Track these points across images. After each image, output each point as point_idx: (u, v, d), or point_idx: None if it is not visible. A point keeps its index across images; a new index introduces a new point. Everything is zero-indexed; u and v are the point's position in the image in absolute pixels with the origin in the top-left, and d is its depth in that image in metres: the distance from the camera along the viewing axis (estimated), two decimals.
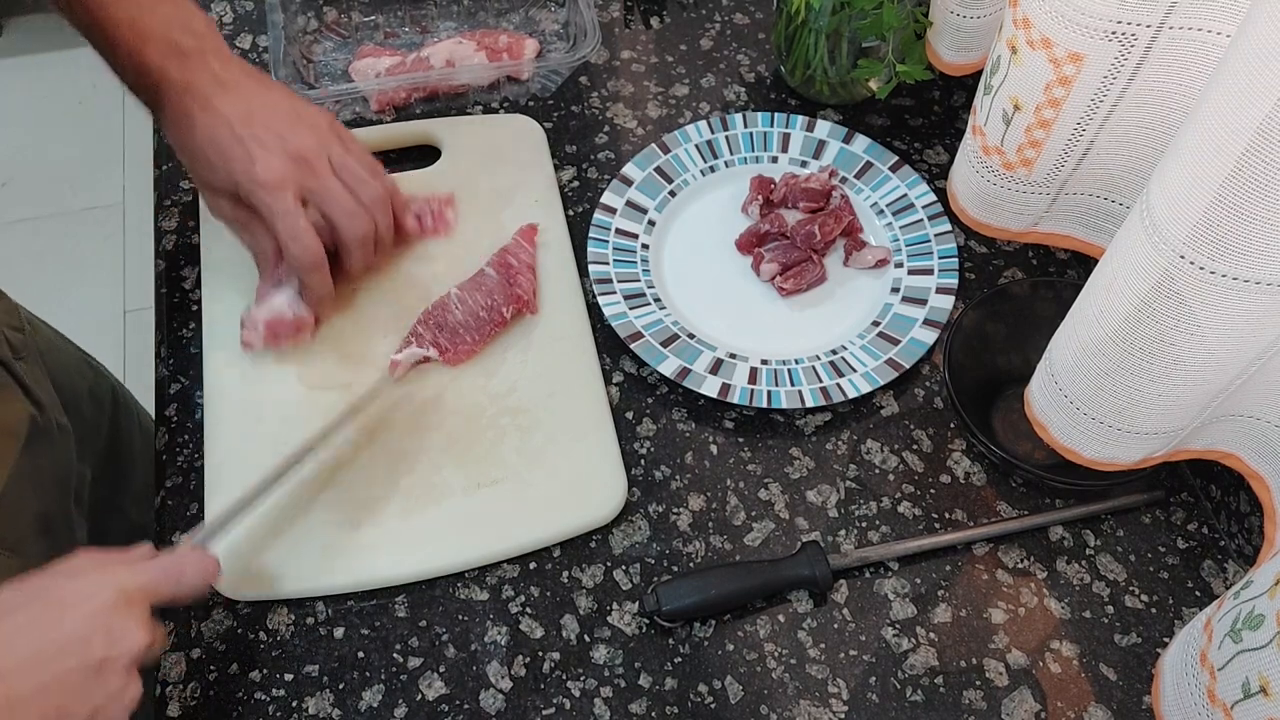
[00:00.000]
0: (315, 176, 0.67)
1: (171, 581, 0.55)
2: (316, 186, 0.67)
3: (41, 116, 2.08)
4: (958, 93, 0.89)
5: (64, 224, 1.99)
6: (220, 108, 0.65)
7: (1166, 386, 0.54)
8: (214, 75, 0.65)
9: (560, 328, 0.75)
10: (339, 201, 0.68)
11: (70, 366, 0.85)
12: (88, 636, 0.50)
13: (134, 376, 0.96)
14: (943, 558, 0.68)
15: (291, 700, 0.62)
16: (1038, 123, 0.62)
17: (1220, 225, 0.45)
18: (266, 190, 0.65)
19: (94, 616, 0.50)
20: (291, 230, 0.66)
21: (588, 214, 0.81)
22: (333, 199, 0.67)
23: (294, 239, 0.66)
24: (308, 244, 0.67)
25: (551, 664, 0.64)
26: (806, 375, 0.72)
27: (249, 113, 0.66)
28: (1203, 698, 0.54)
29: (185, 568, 0.56)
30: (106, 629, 0.50)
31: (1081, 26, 0.55)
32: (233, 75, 0.67)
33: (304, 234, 0.67)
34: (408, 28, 0.91)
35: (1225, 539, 0.68)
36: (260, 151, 0.65)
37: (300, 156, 0.66)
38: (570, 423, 0.70)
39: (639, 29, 0.94)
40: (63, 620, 0.50)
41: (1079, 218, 0.70)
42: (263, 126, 0.66)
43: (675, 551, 0.68)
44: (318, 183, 0.67)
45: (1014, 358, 0.73)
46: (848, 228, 0.79)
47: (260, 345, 0.72)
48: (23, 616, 0.50)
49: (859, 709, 0.62)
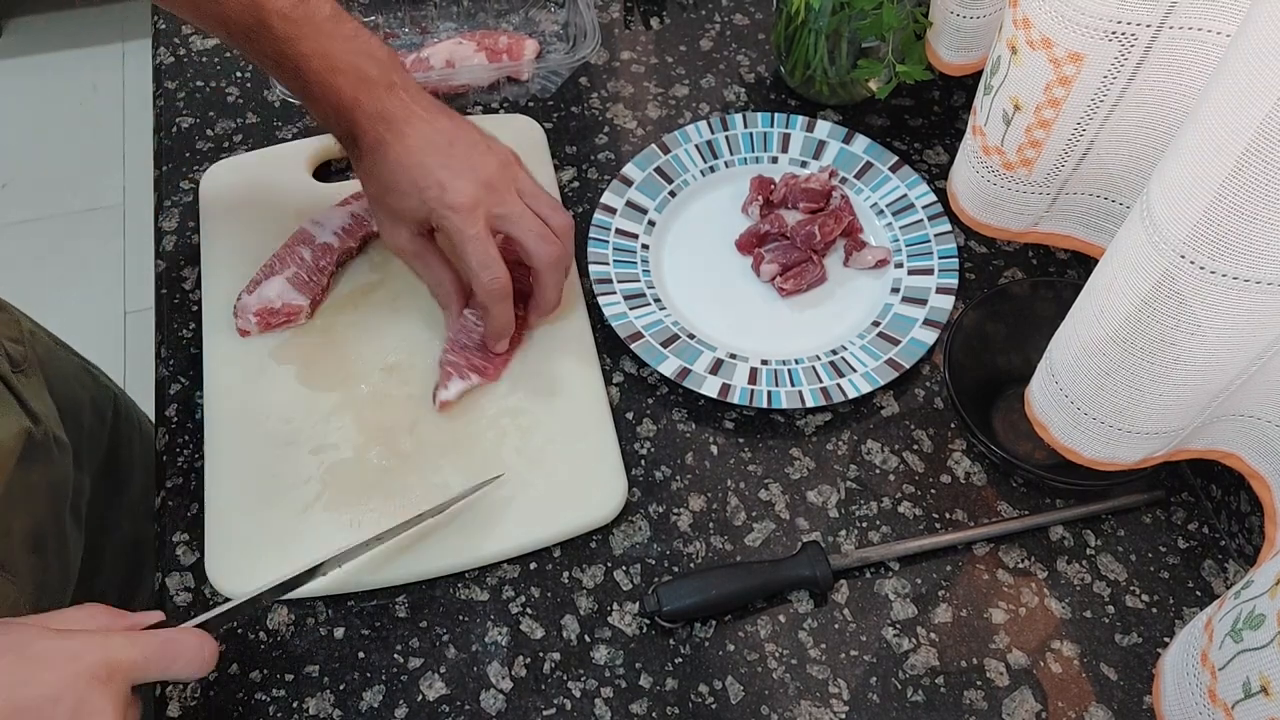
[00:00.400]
0: (505, 203, 0.67)
1: (165, 662, 0.51)
2: (507, 211, 0.67)
3: (41, 117, 2.08)
4: (958, 93, 0.89)
5: (64, 225, 1.99)
6: (413, 135, 0.65)
7: (1167, 386, 0.54)
8: (405, 104, 0.66)
9: (560, 328, 0.75)
10: (531, 226, 0.67)
11: (71, 377, 0.85)
12: (56, 701, 0.46)
13: (134, 377, 0.96)
14: (943, 558, 0.68)
15: (291, 700, 0.62)
16: (1038, 123, 0.62)
17: (1220, 225, 0.45)
18: (459, 214, 0.65)
19: (69, 683, 0.47)
20: (483, 256, 0.66)
21: (588, 214, 0.81)
22: (525, 223, 0.67)
23: (485, 266, 0.66)
24: (498, 272, 0.67)
25: (552, 664, 0.64)
26: (806, 375, 0.72)
27: (440, 141, 0.66)
28: (1204, 698, 0.54)
29: (182, 651, 0.52)
30: (78, 700, 0.47)
31: (1081, 26, 0.55)
32: (422, 105, 0.67)
33: (495, 261, 0.66)
34: (408, 28, 0.91)
35: (1226, 539, 0.68)
36: (451, 178, 0.65)
37: (490, 183, 0.66)
38: (570, 423, 0.70)
39: (639, 30, 0.94)
40: (37, 678, 0.47)
41: (1079, 218, 0.70)
42: (453, 155, 0.66)
43: (675, 552, 0.68)
44: (508, 208, 0.67)
45: (1014, 358, 0.73)
46: (848, 228, 0.79)
47: (256, 331, 0.73)
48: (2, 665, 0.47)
49: (860, 709, 0.62)
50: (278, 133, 0.86)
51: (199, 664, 0.52)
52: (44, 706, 0.46)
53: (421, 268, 0.71)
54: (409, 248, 0.70)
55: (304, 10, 0.65)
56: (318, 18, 0.65)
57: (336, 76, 0.65)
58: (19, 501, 0.68)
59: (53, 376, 0.80)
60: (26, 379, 0.74)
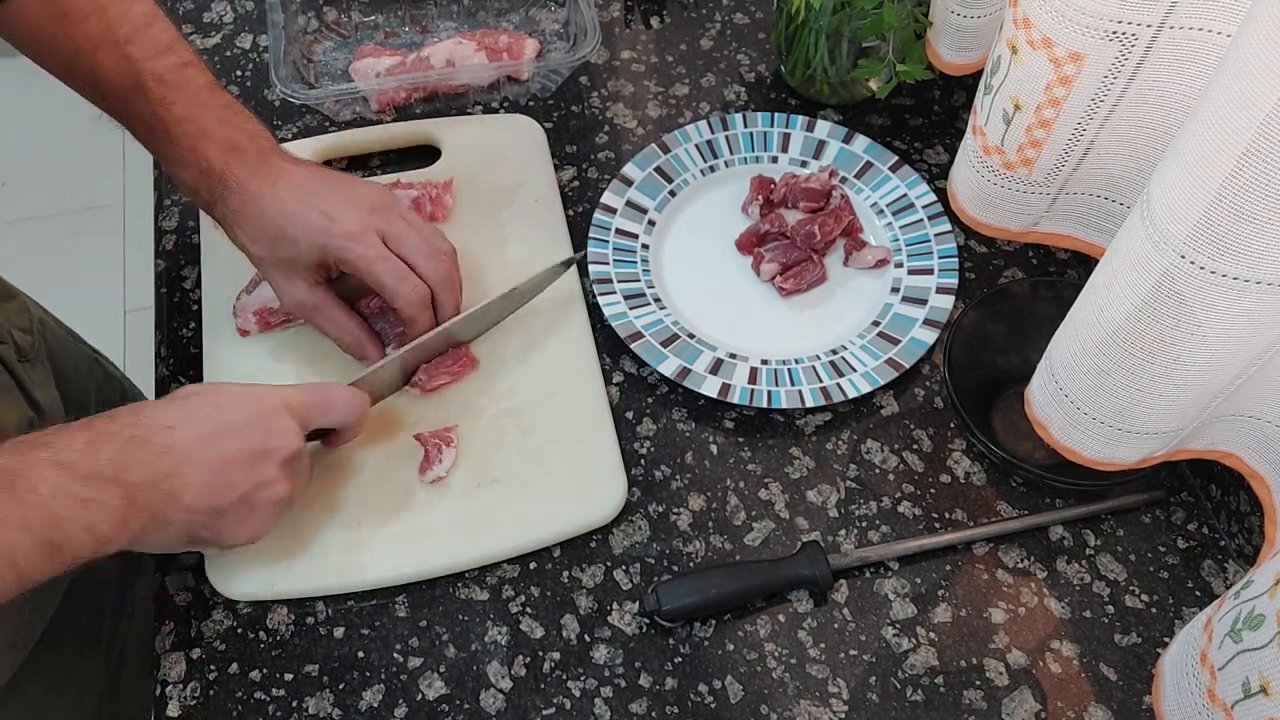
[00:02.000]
0: (392, 223, 0.67)
1: (324, 407, 0.63)
2: (395, 231, 0.67)
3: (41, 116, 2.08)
4: (958, 93, 0.89)
5: (64, 224, 1.98)
6: (284, 183, 0.66)
7: (1167, 386, 0.54)
8: (274, 165, 0.67)
9: (560, 328, 0.75)
10: (418, 245, 0.68)
11: (80, 367, 0.85)
12: (252, 427, 0.58)
13: (134, 376, 0.96)
14: (943, 558, 0.68)
15: (291, 700, 0.62)
16: (1038, 122, 0.62)
17: (1221, 225, 0.45)
18: (357, 240, 0.66)
19: (259, 414, 0.59)
20: (396, 270, 0.66)
21: (588, 214, 0.81)
22: (412, 243, 0.68)
23: (402, 279, 0.67)
24: (415, 281, 0.67)
25: (552, 664, 0.64)
26: (806, 375, 0.72)
27: (311, 182, 0.67)
28: (1203, 698, 0.54)
29: (337, 399, 0.64)
30: (268, 426, 0.59)
31: (1082, 26, 0.55)
32: (291, 162, 0.68)
33: (408, 272, 0.67)
34: (408, 28, 0.91)
35: (1225, 539, 0.68)
36: (336, 209, 0.66)
37: (373, 208, 0.67)
38: (570, 423, 0.70)
39: (639, 29, 0.94)
40: (234, 409, 0.58)
41: (1079, 217, 0.70)
42: (330, 191, 0.67)
43: (675, 551, 0.68)
44: (395, 228, 0.67)
45: (1014, 358, 0.73)
46: (848, 228, 0.79)
47: (256, 331, 0.73)
48: (200, 401, 0.58)
49: (859, 709, 0.62)
50: (278, 132, 0.86)
51: (352, 411, 0.65)
52: (244, 428, 0.58)
53: (326, 321, 0.70)
54: (309, 300, 0.68)
55: (181, 76, 0.65)
56: (194, 85, 0.66)
57: (207, 142, 0.65)
58: None
59: (61, 367, 0.80)
60: (33, 368, 0.74)
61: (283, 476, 0.59)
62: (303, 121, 0.86)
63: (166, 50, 0.65)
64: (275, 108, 0.87)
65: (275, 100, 0.87)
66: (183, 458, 0.55)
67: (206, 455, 0.56)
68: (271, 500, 0.59)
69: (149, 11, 0.66)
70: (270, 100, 0.88)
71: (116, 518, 0.52)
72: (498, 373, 0.72)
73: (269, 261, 0.67)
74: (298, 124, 0.86)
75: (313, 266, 0.67)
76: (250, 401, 0.59)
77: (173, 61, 0.65)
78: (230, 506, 0.57)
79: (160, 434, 0.55)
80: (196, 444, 0.56)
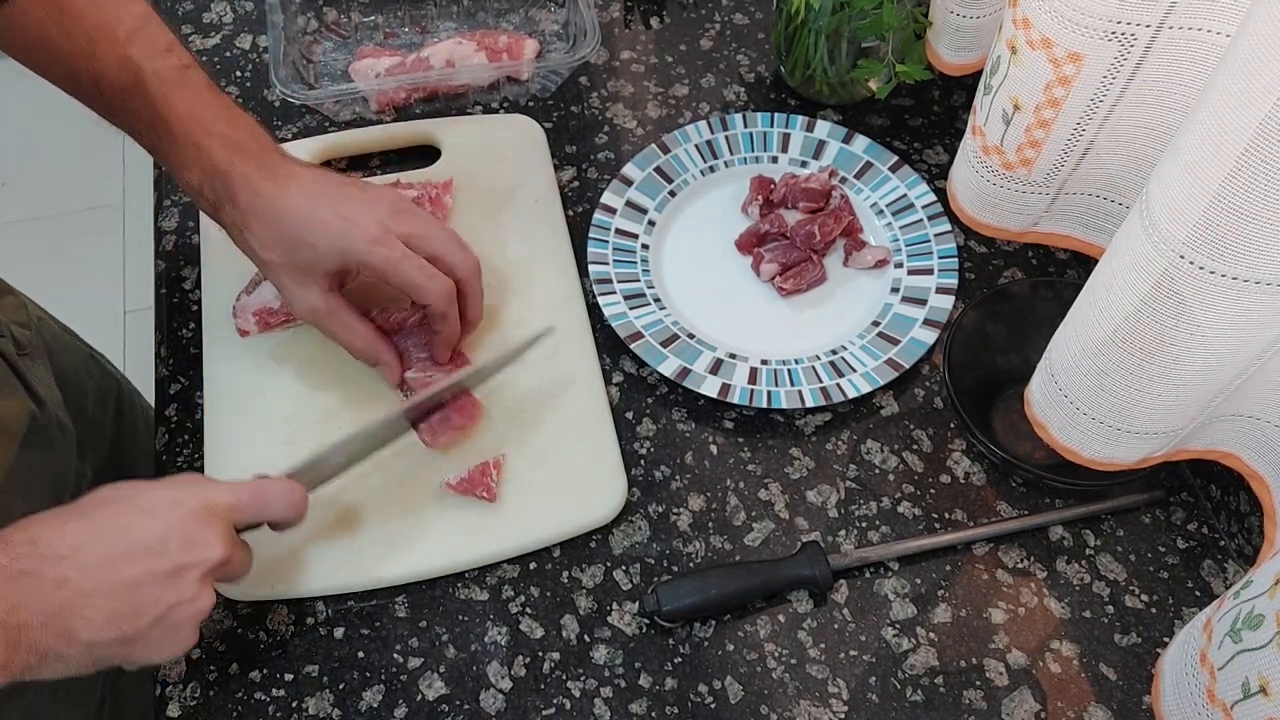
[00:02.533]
0: (411, 224, 0.66)
1: (258, 504, 0.58)
2: (417, 230, 0.66)
3: (41, 116, 2.08)
4: (957, 93, 0.89)
5: (64, 224, 1.99)
6: (297, 185, 0.64)
7: (1166, 386, 0.54)
8: (283, 163, 0.65)
9: (560, 328, 0.75)
10: (444, 241, 0.67)
11: (77, 364, 0.85)
12: (166, 540, 0.52)
13: (134, 376, 0.96)
14: (943, 558, 0.68)
15: (291, 700, 0.62)
16: (1037, 123, 0.62)
17: (1220, 225, 0.45)
18: (379, 244, 0.64)
19: (176, 523, 0.53)
20: (422, 268, 0.65)
21: (588, 214, 0.81)
22: (438, 236, 0.67)
23: (429, 276, 0.65)
24: (442, 277, 0.66)
25: (551, 664, 0.64)
26: (806, 375, 0.72)
27: (326, 185, 0.65)
28: (1203, 698, 0.54)
29: (273, 495, 0.58)
30: (186, 536, 0.53)
31: (1081, 26, 0.55)
32: (299, 163, 0.66)
33: (434, 270, 0.65)
34: (407, 28, 0.91)
35: (1225, 539, 0.68)
36: (355, 213, 0.64)
37: (391, 209, 0.66)
38: (570, 423, 0.70)
39: (639, 29, 0.94)
40: (145, 523, 0.53)
41: (1079, 217, 0.70)
42: (345, 194, 0.65)
43: (675, 551, 0.68)
44: (416, 227, 0.66)
45: (1014, 358, 0.73)
46: (847, 228, 0.79)
47: (256, 331, 0.73)
48: (108, 514, 0.53)
49: (859, 709, 0.62)
50: (278, 132, 0.86)
51: (290, 506, 0.59)
52: (155, 545, 0.52)
53: (339, 327, 0.68)
54: (322, 307, 0.66)
55: (181, 76, 0.64)
56: (195, 84, 0.65)
57: (211, 140, 0.64)
58: (20, 488, 0.68)
59: (59, 364, 0.80)
60: (32, 362, 0.74)
61: (204, 589, 0.54)
62: (302, 122, 0.87)
63: (165, 51, 0.65)
64: (275, 108, 0.87)
65: (275, 100, 0.87)
66: (79, 590, 0.50)
67: (109, 581, 0.51)
68: (192, 616, 0.54)
69: (145, 13, 0.65)
70: (270, 100, 0.88)
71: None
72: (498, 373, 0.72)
73: (282, 266, 0.65)
74: (297, 124, 0.86)
75: (329, 272, 0.65)
76: (165, 512, 0.54)
77: (172, 62, 0.64)
78: (142, 631, 0.52)
79: (54, 565, 0.50)
80: (97, 570, 0.51)
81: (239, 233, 0.65)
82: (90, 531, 0.52)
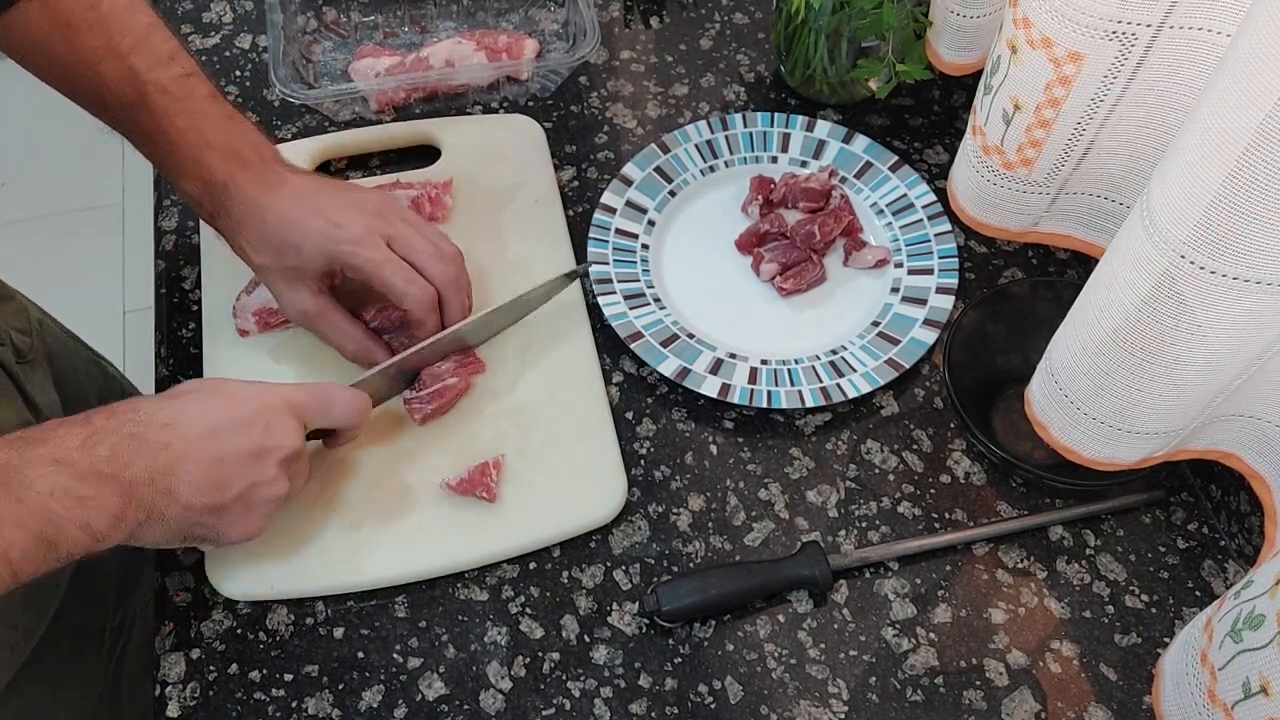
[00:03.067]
0: (395, 227, 0.67)
1: (324, 405, 0.63)
2: (398, 234, 0.67)
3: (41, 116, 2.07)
4: (957, 93, 0.89)
5: (63, 224, 1.98)
6: (287, 192, 0.66)
7: (1166, 386, 0.54)
8: (278, 173, 0.67)
9: (560, 328, 0.75)
10: (424, 247, 0.68)
11: (79, 369, 0.85)
12: (251, 425, 0.58)
13: (134, 376, 0.96)
14: (943, 558, 0.68)
15: (291, 700, 0.62)
16: (1038, 122, 0.62)
17: (1220, 225, 0.45)
18: (363, 245, 0.65)
19: (259, 411, 0.59)
20: (404, 273, 0.66)
21: (588, 214, 0.81)
22: (418, 246, 0.68)
23: (410, 281, 0.66)
24: (423, 283, 0.67)
25: (551, 664, 0.64)
26: (806, 375, 0.72)
27: (314, 189, 0.67)
28: (1203, 698, 0.54)
29: (337, 399, 0.64)
30: (268, 423, 0.59)
31: (1082, 26, 0.55)
32: (293, 171, 0.68)
33: (415, 274, 0.67)
34: (407, 28, 0.91)
35: (1225, 539, 0.68)
36: (341, 216, 0.66)
37: (377, 212, 0.67)
38: (570, 423, 0.70)
39: (639, 29, 0.94)
40: (234, 406, 0.58)
41: (1079, 217, 0.70)
42: (333, 197, 0.67)
43: (675, 551, 0.68)
44: (399, 231, 0.67)
45: (1014, 358, 0.73)
46: (847, 228, 0.79)
47: (256, 332, 0.73)
48: (200, 397, 0.58)
49: (859, 709, 0.62)
50: (277, 132, 0.86)
51: (352, 411, 0.64)
52: (242, 426, 0.58)
53: (329, 328, 0.69)
54: (312, 308, 0.68)
55: (183, 87, 0.65)
56: (197, 95, 0.66)
57: (210, 153, 0.65)
58: None
59: (60, 369, 0.80)
60: (31, 370, 0.74)
61: (281, 475, 0.59)
62: (302, 122, 0.86)
63: (168, 60, 0.65)
64: (274, 108, 0.87)
65: (274, 100, 0.87)
66: (181, 454, 0.55)
67: (205, 452, 0.56)
68: (270, 499, 0.59)
69: (150, 23, 0.66)
70: (269, 100, 0.88)
71: (113, 515, 0.52)
72: (498, 373, 0.72)
73: (273, 270, 0.67)
74: (297, 124, 0.86)
75: (317, 274, 0.67)
76: (250, 399, 0.59)
77: (175, 72, 0.65)
78: (228, 504, 0.57)
79: (158, 430, 0.55)
80: (195, 440, 0.56)
81: (233, 238, 0.68)
82: (186, 407, 0.57)
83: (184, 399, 0.58)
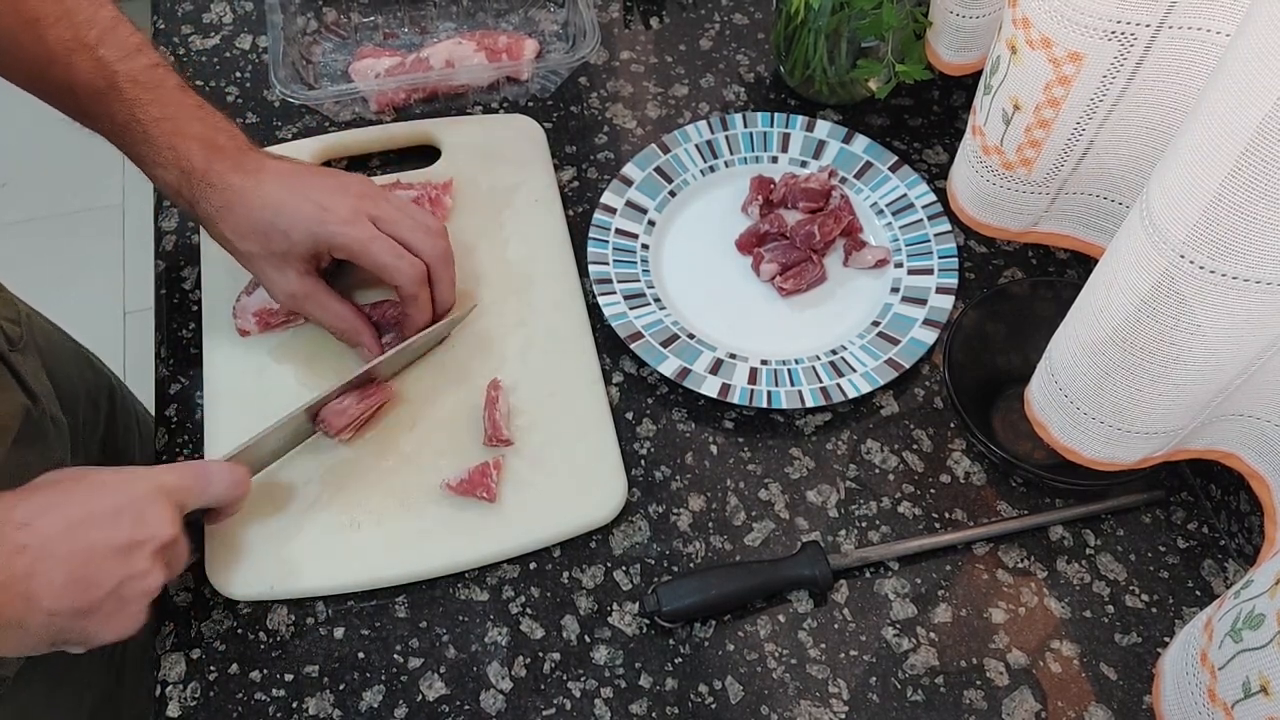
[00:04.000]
0: (380, 207, 0.68)
1: (201, 485, 0.59)
2: (384, 214, 0.68)
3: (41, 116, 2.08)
4: (957, 93, 0.89)
5: (63, 224, 1.98)
6: (269, 176, 0.66)
7: (1166, 386, 0.54)
8: (256, 159, 0.67)
9: (560, 328, 0.75)
10: (409, 224, 0.68)
11: (68, 363, 0.85)
12: (119, 514, 0.54)
13: (134, 376, 0.97)
14: (943, 558, 0.68)
15: (291, 700, 0.62)
16: (1037, 122, 0.62)
17: (1220, 225, 0.45)
18: (350, 225, 0.66)
19: (127, 500, 0.55)
20: (393, 249, 0.67)
21: (588, 214, 0.81)
22: (404, 223, 0.68)
23: (398, 256, 0.67)
24: (412, 258, 0.67)
25: (552, 664, 0.64)
26: (806, 375, 0.72)
27: (297, 173, 0.67)
28: (1203, 697, 0.54)
29: (215, 477, 0.61)
30: (138, 513, 0.55)
31: (1081, 26, 0.55)
32: (272, 157, 0.68)
33: (404, 253, 0.67)
34: (407, 28, 0.91)
35: (1225, 538, 0.68)
36: (326, 198, 0.66)
37: (361, 194, 0.68)
38: (570, 423, 0.70)
39: (638, 29, 0.94)
40: (101, 497, 0.55)
41: (1079, 217, 0.70)
42: (316, 180, 0.67)
43: (675, 552, 0.68)
44: (384, 210, 0.68)
45: (1014, 358, 0.73)
46: (847, 228, 0.79)
47: (256, 332, 0.73)
48: (62, 488, 0.55)
49: (859, 709, 0.62)
50: (277, 132, 0.86)
51: (231, 486, 0.61)
52: (109, 517, 0.54)
53: (319, 308, 0.69)
54: (300, 290, 0.68)
55: (154, 77, 0.65)
56: (167, 85, 0.66)
57: (187, 141, 0.65)
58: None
59: (49, 361, 0.80)
60: (24, 357, 0.74)
61: (156, 566, 0.55)
62: (302, 122, 0.86)
63: (136, 52, 0.65)
64: (275, 108, 0.87)
65: (275, 101, 0.87)
66: (40, 554, 0.51)
67: (68, 549, 0.52)
68: (144, 592, 0.55)
69: (114, 15, 0.66)
70: (270, 101, 0.88)
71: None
72: (497, 373, 0.72)
73: (259, 255, 0.67)
74: (297, 124, 0.86)
75: (303, 257, 0.67)
76: (119, 487, 0.56)
77: (144, 63, 0.65)
78: (97, 603, 0.53)
79: (15, 532, 0.51)
80: (56, 537, 0.52)
81: (214, 226, 0.67)
82: (46, 502, 0.53)
83: (44, 492, 0.54)
